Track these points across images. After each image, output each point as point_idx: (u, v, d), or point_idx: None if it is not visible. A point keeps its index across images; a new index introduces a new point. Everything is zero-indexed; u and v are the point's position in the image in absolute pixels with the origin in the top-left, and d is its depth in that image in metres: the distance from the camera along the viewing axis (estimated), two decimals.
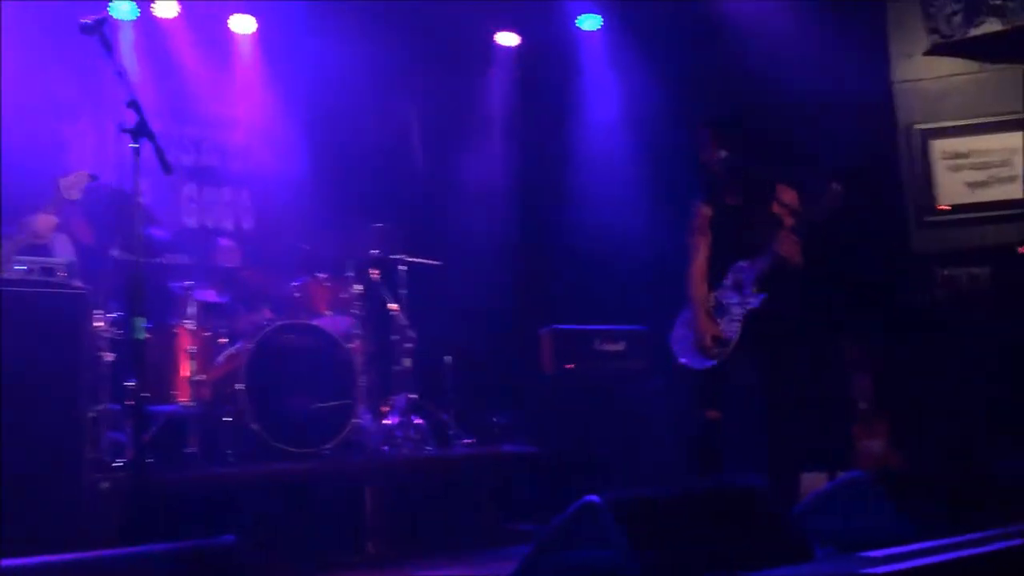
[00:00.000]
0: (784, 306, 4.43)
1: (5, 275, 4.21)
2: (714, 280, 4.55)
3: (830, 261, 6.03)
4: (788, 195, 4.47)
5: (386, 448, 5.54)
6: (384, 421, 5.74)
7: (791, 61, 6.05)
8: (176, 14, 6.58)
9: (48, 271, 4.32)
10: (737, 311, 4.43)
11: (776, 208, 4.40)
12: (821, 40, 6.06)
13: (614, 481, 5.36)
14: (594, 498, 2.50)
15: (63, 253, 5.23)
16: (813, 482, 4.59)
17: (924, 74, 6.29)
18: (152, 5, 6.51)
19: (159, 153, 3.08)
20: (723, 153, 4.46)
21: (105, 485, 4.26)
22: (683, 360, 4.55)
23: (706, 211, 4.61)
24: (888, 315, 5.99)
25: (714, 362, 4.43)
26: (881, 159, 6.25)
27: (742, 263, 4.47)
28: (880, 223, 6.17)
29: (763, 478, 4.10)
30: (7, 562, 1.97)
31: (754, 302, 4.41)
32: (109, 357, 4.86)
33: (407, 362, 5.92)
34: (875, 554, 2.69)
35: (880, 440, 5.63)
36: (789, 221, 4.38)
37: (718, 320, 4.46)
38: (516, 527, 5.32)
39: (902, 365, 5.83)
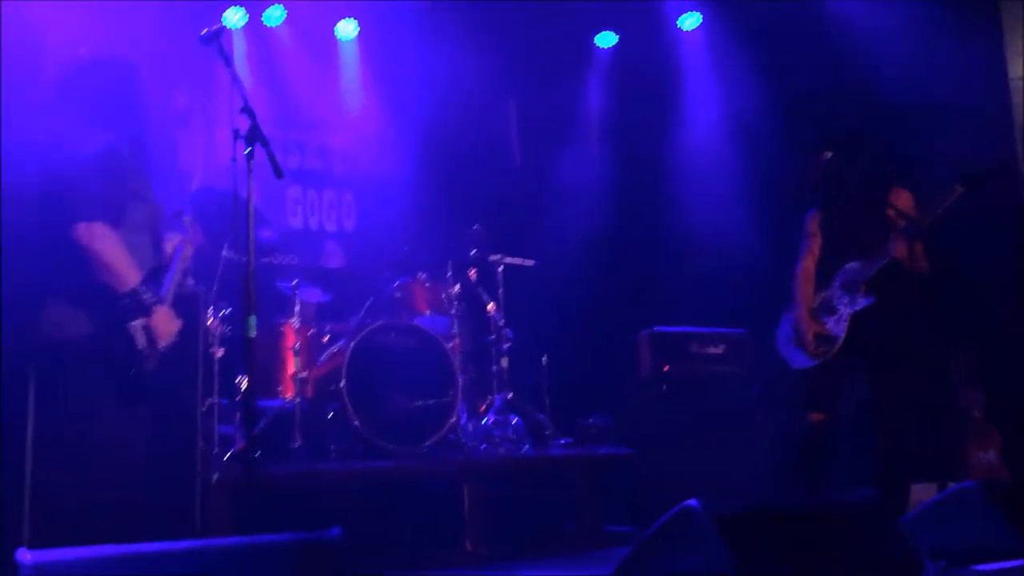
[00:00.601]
0: (894, 309, 4.33)
1: None
2: (823, 281, 4.49)
3: (944, 265, 5.85)
4: (903, 198, 4.37)
5: (484, 447, 5.59)
6: (482, 420, 5.80)
7: (902, 58, 5.89)
8: (282, 21, 6.78)
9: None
10: (845, 311, 4.37)
11: (889, 211, 4.30)
12: (933, 36, 5.87)
13: (711, 487, 5.29)
14: (694, 503, 2.48)
15: None
16: (922, 493, 4.46)
17: None
18: (261, 12, 6.73)
19: (271, 158, 3.18)
20: (828, 154, 4.37)
21: (216, 476, 4.42)
22: (786, 357, 4.48)
23: (818, 215, 4.56)
24: (1002, 323, 5.77)
25: (817, 361, 4.33)
26: (998, 159, 6.01)
27: (853, 264, 4.41)
28: (996, 226, 5.94)
29: (871, 488, 4.01)
30: (124, 548, 2.07)
31: (863, 302, 4.33)
32: (219, 353, 5.03)
33: (504, 361, 5.96)
34: (987, 567, 2.61)
35: (993, 451, 5.45)
36: (901, 223, 4.27)
37: (825, 320, 4.39)
38: (613, 529, 5.31)
39: (1017, 375, 5.61)
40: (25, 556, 1.84)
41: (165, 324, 3.37)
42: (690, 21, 7.18)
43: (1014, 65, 6.10)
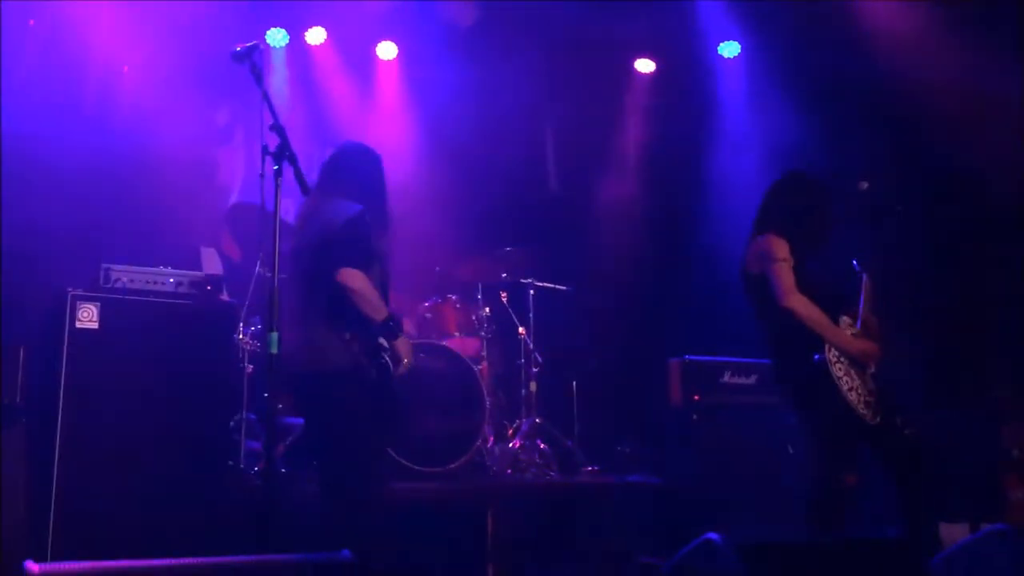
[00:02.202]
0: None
1: (157, 287, 4.44)
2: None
3: (981, 299, 5.74)
4: None
5: (510, 471, 5.55)
6: (509, 444, 5.76)
7: (935, 86, 5.81)
8: (324, 40, 6.86)
9: (197, 285, 4.55)
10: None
11: None
12: (967, 65, 5.78)
13: (741, 519, 5.21)
14: (714, 536, 2.43)
15: (211, 268, 5.50)
16: (955, 533, 4.34)
17: None
18: (304, 32, 6.82)
19: (299, 175, 3.20)
20: (865, 185, 4.27)
21: (241, 491, 4.43)
22: None
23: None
24: None
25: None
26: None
27: None
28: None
29: (899, 527, 3.88)
30: (130, 562, 2.06)
31: None
32: (249, 369, 5.06)
33: (533, 386, 5.93)
34: None
35: None
36: None
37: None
38: (640, 559, 5.23)
39: None
40: (32, 567, 1.84)
41: (407, 350, 3.88)
42: (729, 50, 7.16)
43: None
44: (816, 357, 3.89)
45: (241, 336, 5.01)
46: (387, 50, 7.11)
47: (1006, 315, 5.71)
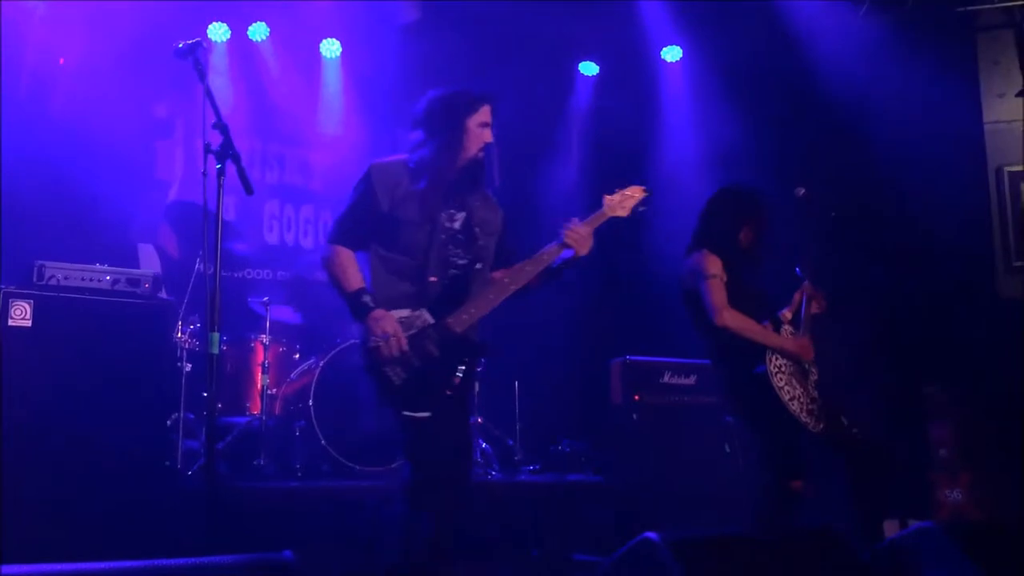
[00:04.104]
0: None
1: (92, 285, 4.35)
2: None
3: (912, 303, 5.90)
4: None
5: None
6: None
7: (880, 99, 5.96)
8: (266, 36, 6.79)
9: (134, 282, 4.47)
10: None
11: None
12: (911, 77, 5.95)
13: (680, 517, 5.28)
14: (652, 535, 2.47)
15: (149, 265, 5.42)
16: (886, 530, 4.45)
17: (1016, 115, 6.12)
18: (246, 28, 6.74)
19: (242, 174, 3.16)
20: (801, 191, 4.35)
21: (179, 492, 4.37)
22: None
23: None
24: (972, 362, 5.81)
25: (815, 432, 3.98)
26: (969, 201, 6.09)
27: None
28: (967, 267, 6.01)
29: (844, 524, 3.97)
30: (71, 566, 2.03)
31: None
32: (188, 368, 4.99)
33: (475, 386, 5.93)
34: None
35: (961, 489, 5.46)
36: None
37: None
38: (579, 558, 5.27)
39: (984, 413, 5.64)
40: None
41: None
42: (672, 54, 7.24)
43: (989, 107, 6.19)
44: (758, 368, 3.97)
45: (180, 334, 4.94)
46: (331, 47, 7.07)
47: (938, 317, 5.88)
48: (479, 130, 3.54)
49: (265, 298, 5.59)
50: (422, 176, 3.43)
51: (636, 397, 5.82)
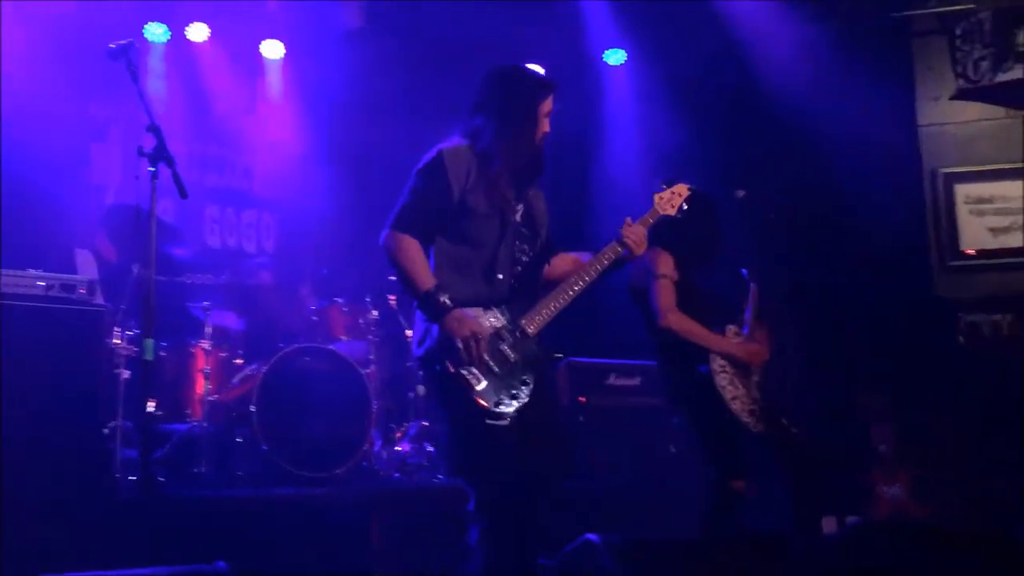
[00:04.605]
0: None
1: (25, 291, 4.25)
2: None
3: (851, 303, 6.01)
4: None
5: (397, 475, 5.52)
6: (396, 448, 5.73)
7: (817, 102, 6.06)
8: (206, 37, 6.69)
9: (69, 287, 4.37)
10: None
11: None
12: (848, 81, 6.06)
13: (625, 519, 5.30)
14: (593, 537, 2.48)
15: (85, 270, 5.30)
16: (825, 527, 4.52)
17: (950, 118, 6.27)
18: (185, 28, 6.64)
19: (176, 178, 3.11)
20: (741, 193, 4.39)
21: (116, 501, 4.28)
22: None
23: None
24: (910, 360, 5.93)
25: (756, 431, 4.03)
26: (906, 202, 6.22)
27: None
28: (904, 267, 6.13)
29: (786, 523, 4.02)
30: None
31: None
32: (125, 375, 4.89)
33: (421, 389, 5.91)
34: None
35: (901, 487, 5.57)
36: None
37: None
38: None
39: (922, 411, 5.76)
40: None
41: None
42: (615, 57, 7.29)
43: (923, 111, 6.33)
44: (702, 369, 4.01)
45: (117, 340, 4.84)
46: (273, 49, 6.98)
47: (876, 316, 6.00)
48: (544, 119, 3.38)
49: (206, 303, 5.51)
50: (491, 162, 3.25)
51: (582, 400, 5.84)
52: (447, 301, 3.07)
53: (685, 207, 3.61)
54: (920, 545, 3.19)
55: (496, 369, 3.09)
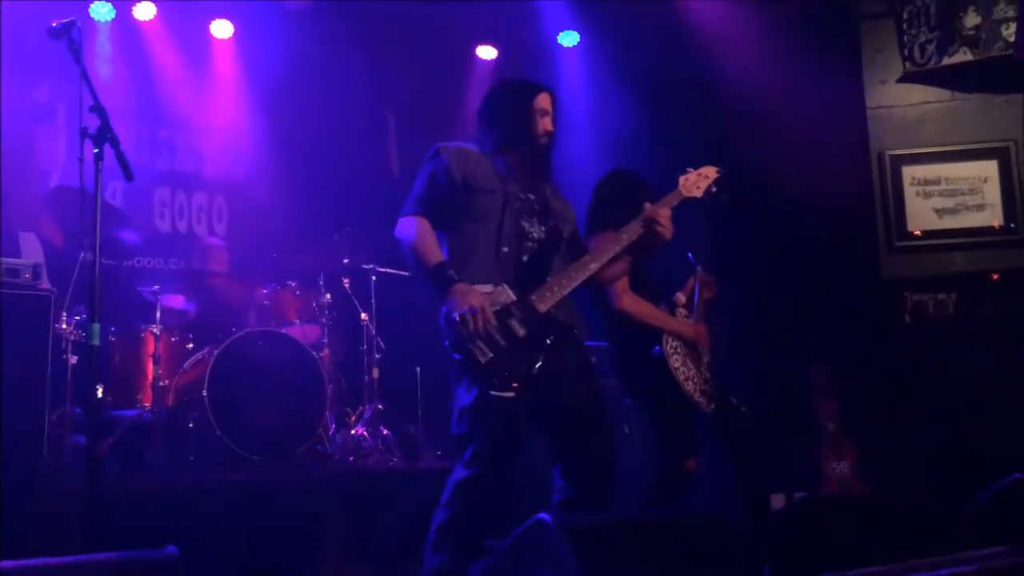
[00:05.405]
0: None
1: None
2: None
3: (799, 284, 6.09)
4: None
5: (352, 459, 5.51)
6: (351, 431, 5.72)
7: (766, 85, 6.11)
8: (153, 16, 6.57)
9: (13, 272, 4.30)
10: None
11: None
12: (796, 64, 6.12)
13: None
14: (545, 516, 2.50)
15: (31, 255, 5.20)
16: (774, 504, 4.60)
17: (897, 101, 6.36)
18: (132, 7, 6.51)
19: (121, 160, 3.06)
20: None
21: (63, 489, 4.22)
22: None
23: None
24: (856, 339, 6.04)
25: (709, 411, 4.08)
26: (854, 184, 6.31)
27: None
28: (851, 248, 6.23)
29: (732, 501, 4.09)
30: None
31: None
32: (73, 360, 4.82)
33: (376, 372, 5.90)
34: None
35: (847, 463, 5.68)
36: None
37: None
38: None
39: (868, 389, 5.88)
40: None
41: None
42: (569, 39, 7.29)
43: (871, 93, 6.42)
44: (655, 350, 4.05)
45: (64, 325, 4.77)
46: (222, 28, 6.88)
47: (824, 297, 6.09)
48: (541, 116, 3.51)
49: (156, 287, 5.44)
50: (496, 160, 3.43)
51: None
52: (452, 275, 3.16)
53: (714, 189, 3.63)
54: (865, 520, 3.26)
55: (503, 343, 3.13)
